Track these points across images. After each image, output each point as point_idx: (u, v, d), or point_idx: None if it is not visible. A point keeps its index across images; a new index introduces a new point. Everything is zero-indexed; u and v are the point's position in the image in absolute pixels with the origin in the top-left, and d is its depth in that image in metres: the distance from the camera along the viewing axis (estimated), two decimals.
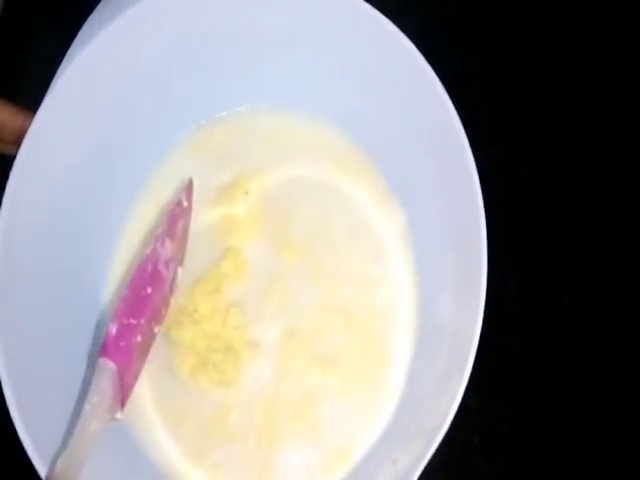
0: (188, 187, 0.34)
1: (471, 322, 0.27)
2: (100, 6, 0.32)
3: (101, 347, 0.29)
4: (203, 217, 0.35)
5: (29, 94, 0.31)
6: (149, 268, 0.30)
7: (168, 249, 0.31)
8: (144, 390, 0.34)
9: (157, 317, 0.31)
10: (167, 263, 0.31)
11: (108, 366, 0.28)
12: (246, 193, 0.35)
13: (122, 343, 0.29)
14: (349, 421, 0.33)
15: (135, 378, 0.31)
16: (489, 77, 0.40)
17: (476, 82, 0.39)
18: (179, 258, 0.33)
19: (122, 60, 0.31)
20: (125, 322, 0.29)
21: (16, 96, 0.38)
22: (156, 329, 0.32)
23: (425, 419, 0.29)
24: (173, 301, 0.33)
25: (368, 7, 0.30)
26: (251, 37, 0.33)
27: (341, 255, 0.35)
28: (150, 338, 0.31)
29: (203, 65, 0.34)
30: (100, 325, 0.34)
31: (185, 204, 0.33)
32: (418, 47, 0.30)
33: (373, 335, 0.34)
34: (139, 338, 0.29)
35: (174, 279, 0.33)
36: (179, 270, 0.33)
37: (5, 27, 0.39)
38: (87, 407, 0.27)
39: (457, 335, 0.29)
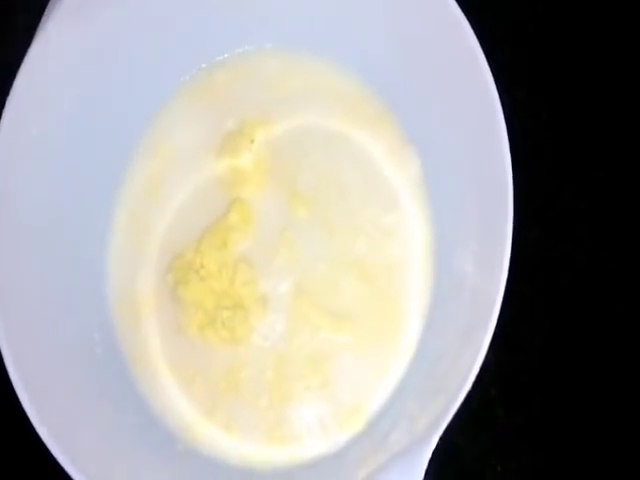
0: None
1: (495, 276, 0.26)
2: None
3: None
4: (208, 167, 0.34)
5: (19, 40, 0.29)
6: None
7: None
8: (154, 349, 0.33)
9: None
10: None
11: None
12: (252, 142, 0.34)
13: None
14: (362, 376, 0.32)
15: None
16: (511, 15, 0.38)
17: (497, 19, 0.37)
18: None
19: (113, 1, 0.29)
20: None
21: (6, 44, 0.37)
22: None
23: (445, 377, 0.28)
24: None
25: None
26: None
27: (353, 205, 0.34)
28: None
29: (201, 1, 0.31)
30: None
31: None
32: None
33: (387, 288, 0.33)
34: None
35: None
36: None
37: None
38: None
39: (479, 289, 0.28)
